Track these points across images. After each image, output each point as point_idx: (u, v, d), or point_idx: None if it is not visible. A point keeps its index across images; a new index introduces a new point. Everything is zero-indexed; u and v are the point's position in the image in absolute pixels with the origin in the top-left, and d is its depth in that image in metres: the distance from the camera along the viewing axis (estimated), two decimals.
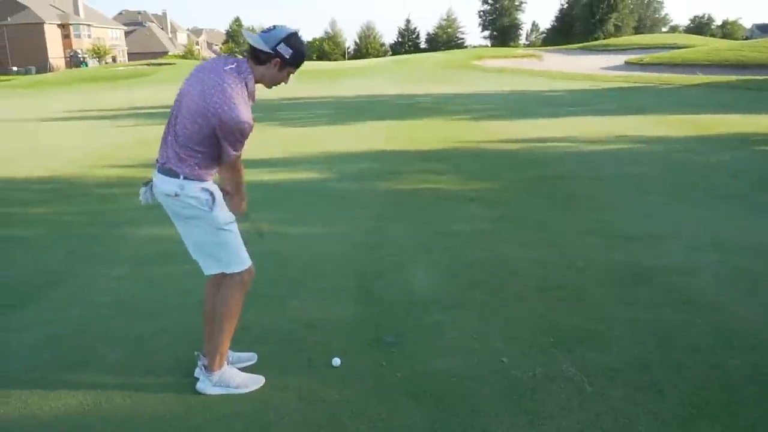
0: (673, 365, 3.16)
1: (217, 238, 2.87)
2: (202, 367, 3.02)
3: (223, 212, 2.86)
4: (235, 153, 2.80)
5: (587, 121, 13.51)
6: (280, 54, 2.74)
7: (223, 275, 2.95)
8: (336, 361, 3.23)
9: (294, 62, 2.80)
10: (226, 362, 3.05)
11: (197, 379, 3.04)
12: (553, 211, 6.34)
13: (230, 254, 2.91)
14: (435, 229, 5.74)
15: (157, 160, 2.89)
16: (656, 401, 2.85)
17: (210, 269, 2.96)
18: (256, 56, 2.77)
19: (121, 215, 6.39)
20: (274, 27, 2.81)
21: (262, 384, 3.06)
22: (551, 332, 3.55)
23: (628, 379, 3.04)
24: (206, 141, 2.74)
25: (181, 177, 2.76)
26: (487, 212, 6.31)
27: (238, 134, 2.72)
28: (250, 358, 3.32)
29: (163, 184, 2.80)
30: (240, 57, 2.85)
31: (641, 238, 5.34)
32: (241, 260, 2.95)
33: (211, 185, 2.85)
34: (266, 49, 2.74)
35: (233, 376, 3.04)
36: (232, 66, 2.77)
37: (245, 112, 2.72)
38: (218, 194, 2.86)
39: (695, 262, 4.68)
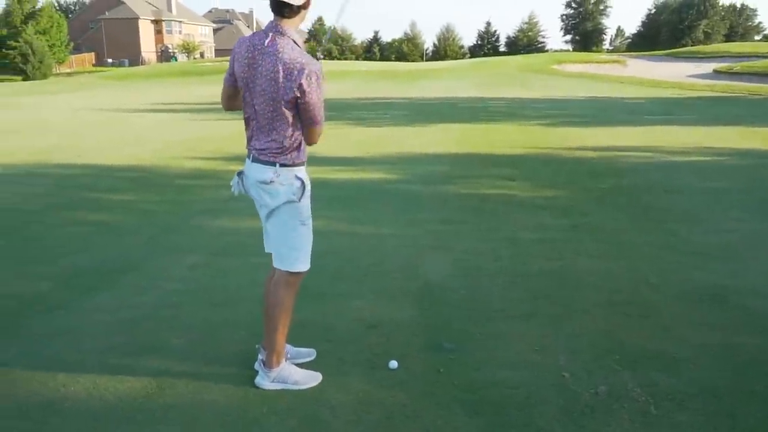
0: (746, 393, 2.97)
1: (297, 232, 2.92)
2: (261, 363, 3.06)
3: (309, 204, 2.92)
4: (321, 115, 2.81)
5: (670, 131, 12.97)
6: (309, 3, 2.81)
7: (283, 273, 2.98)
8: (393, 364, 3.21)
9: (308, 4, 2.82)
10: (284, 359, 3.08)
11: (257, 371, 3.09)
12: (628, 223, 6.11)
13: (300, 251, 2.96)
14: (503, 235, 5.64)
15: (248, 148, 2.94)
16: (727, 428, 2.69)
17: (281, 263, 2.98)
18: (290, 13, 2.76)
19: (199, 206, 6.60)
20: None
21: (319, 381, 3.07)
22: (617, 349, 3.41)
23: (697, 404, 2.88)
24: (293, 117, 2.78)
25: (278, 165, 2.82)
26: (558, 221, 6.14)
27: (318, 84, 2.74)
28: (310, 353, 3.35)
29: (258, 173, 2.85)
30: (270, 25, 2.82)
31: (719, 255, 5.07)
32: (306, 259, 2.99)
33: (303, 173, 2.89)
34: (298, 3, 2.75)
35: (291, 372, 3.07)
36: (275, 31, 2.76)
37: (311, 58, 2.78)
38: (308, 183, 2.90)
39: None
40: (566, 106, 19.29)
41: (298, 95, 2.72)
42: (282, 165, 2.82)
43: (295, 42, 2.78)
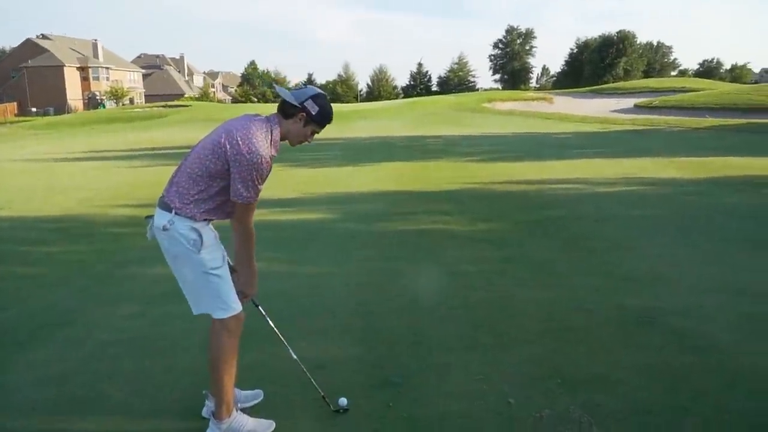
0: (680, 408, 3.13)
1: (203, 281, 2.86)
2: (211, 415, 3.00)
3: (211, 256, 2.86)
4: (245, 194, 2.77)
5: (595, 163, 13.58)
6: (306, 109, 2.86)
7: (215, 320, 2.93)
8: (342, 402, 3.22)
9: (319, 120, 2.90)
10: (234, 408, 3.03)
11: (204, 418, 3.03)
12: (560, 252, 6.34)
13: (215, 299, 2.89)
14: (441, 269, 5.76)
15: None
16: None
17: (196, 309, 2.96)
18: (284, 110, 2.90)
19: (131, 254, 6.45)
20: (305, 86, 2.94)
21: (272, 429, 3.04)
22: (557, 374, 3.53)
23: (636, 422, 3.02)
24: (212, 177, 2.78)
25: (173, 212, 2.81)
26: (494, 253, 6.32)
27: (253, 170, 2.74)
28: (256, 396, 3.32)
29: (157, 217, 2.86)
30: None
31: (648, 280, 5.33)
32: (226, 306, 2.90)
33: (202, 227, 2.84)
34: (295, 102, 2.86)
35: (243, 423, 3.01)
36: (261, 117, 2.90)
37: (264, 148, 2.77)
38: (208, 237, 2.85)
39: (702, 305, 4.65)
40: (497, 142, 19.91)
41: (228, 159, 2.75)
42: (177, 213, 2.80)
43: (271, 133, 2.85)
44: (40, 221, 8.58)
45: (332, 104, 2.98)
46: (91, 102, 66.96)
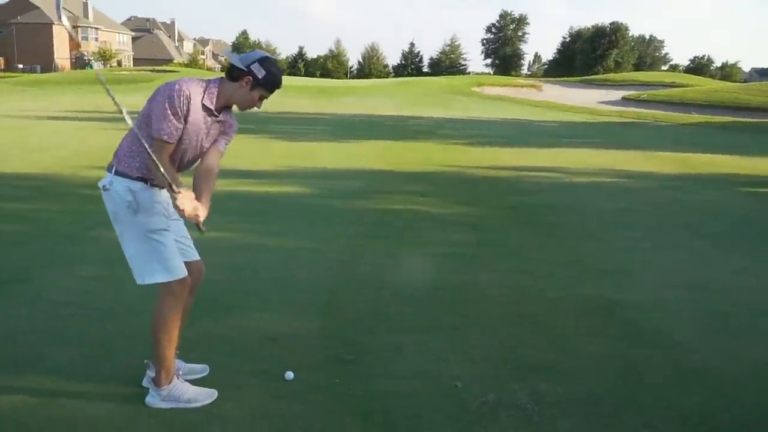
0: (626, 400, 3.13)
1: (144, 244, 2.78)
2: (151, 381, 2.94)
3: (150, 219, 2.78)
4: (155, 126, 2.68)
5: (578, 153, 13.59)
6: (252, 72, 2.76)
7: (158, 285, 2.85)
8: (289, 375, 3.19)
9: (266, 84, 2.80)
10: (175, 376, 2.97)
11: (144, 387, 2.98)
12: (532, 239, 6.34)
13: (156, 263, 2.80)
14: (413, 250, 5.74)
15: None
16: None
17: (139, 277, 2.85)
18: (231, 73, 2.81)
19: (101, 217, 6.24)
20: (254, 50, 2.85)
21: (214, 398, 2.98)
22: (510, 360, 3.52)
23: (580, 411, 3.01)
24: (144, 128, 2.72)
25: (113, 171, 2.75)
26: (467, 237, 6.31)
27: (165, 98, 2.67)
28: (203, 369, 3.25)
29: (102, 179, 2.81)
30: None
31: (614, 272, 5.33)
32: (168, 270, 2.81)
33: (139, 189, 2.75)
34: (240, 66, 2.77)
35: (183, 390, 2.95)
36: (201, 78, 2.82)
37: (188, 84, 2.72)
38: (145, 199, 2.76)
39: (664, 299, 4.66)
40: (483, 127, 19.86)
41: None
42: (116, 173, 2.75)
43: (204, 88, 2.79)
44: (13, 178, 8.44)
45: (323, 79, 2.90)
46: (79, 62, 65.86)
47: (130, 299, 4.13)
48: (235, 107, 2.93)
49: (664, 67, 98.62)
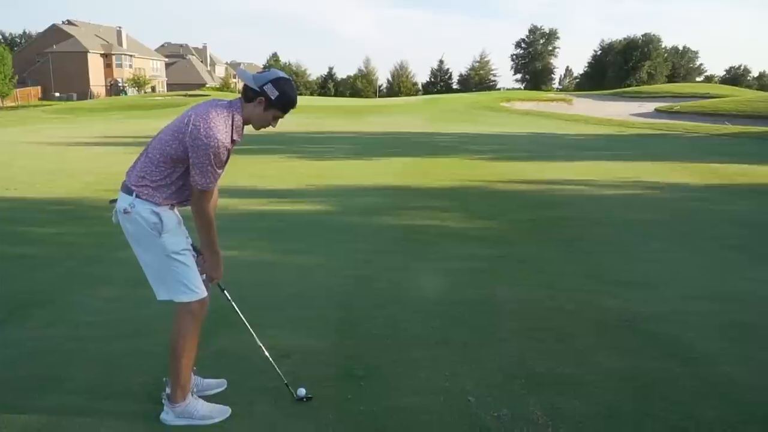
0: (645, 414, 3.06)
1: (166, 265, 2.84)
2: (166, 397, 2.99)
3: (173, 240, 2.84)
4: (200, 180, 2.74)
5: (605, 166, 13.43)
6: (265, 93, 2.78)
7: (177, 304, 2.91)
8: (301, 392, 3.19)
9: (279, 104, 2.82)
10: (190, 394, 3.01)
11: (162, 403, 3.02)
12: (553, 253, 6.27)
13: (178, 283, 2.86)
14: (432, 266, 5.72)
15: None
16: None
17: (159, 294, 2.92)
18: (246, 94, 2.84)
19: (124, 239, 6.47)
20: (269, 69, 2.88)
21: (227, 415, 3.01)
22: (525, 374, 3.47)
23: (596, 426, 2.95)
24: (174, 162, 2.77)
25: (134, 195, 2.79)
26: (487, 251, 6.26)
27: (209, 153, 2.69)
28: (220, 384, 3.30)
29: (120, 201, 2.84)
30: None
31: (637, 284, 5.24)
32: (190, 290, 2.88)
33: (163, 211, 2.83)
34: (254, 86, 2.80)
35: (198, 407, 2.99)
36: (224, 102, 2.85)
37: (222, 133, 2.73)
38: (169, 221, 2.83)
39: (687, 312, 4.56)
40: (510, 142, 19.78)
41: (186, 144, 2.74)
42: (138, 197, 2.79)
43: (233, 118, 2.81)
44: (42, 203, 8.67)
45: (351, 98, 2.94)
46: (113, 89, 67.63)
47: (149, 319, 4.20)
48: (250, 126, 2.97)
49: (698, 78, 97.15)
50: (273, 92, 2.78)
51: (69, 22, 74.86)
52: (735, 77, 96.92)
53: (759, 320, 4.39)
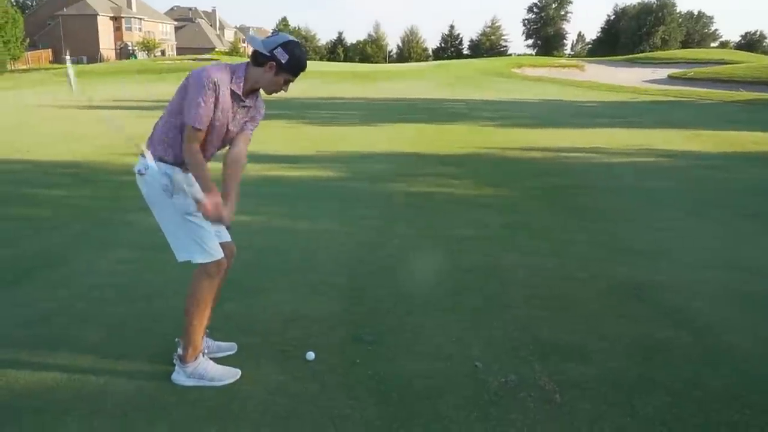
0: (651, 381, 3.06)
1: (182, 225, 2.85)
2: (177, 358, 3.02)
3: (187, 200, 2.82)
4: (187, 115, 2.73)
5: (617, 133, 13.27)
6: (276, 57, 2.75)
7: (192, 266, 2.93)
8: (310, 355, 3.22)
9: (290, 68, 2.79)
10: (201, 354, 3.04)
11: (173, 364, 3.05)
12: (564, 220, 6.23)
13: (194, 243, 2.87)
14: (440, 233, 5.70)
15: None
16: (626, 416, 2.77)
17: (179, 255, 2.94)
18: (255, 58, 2.81)
19: (136, 202, 6.35)
20: (277, 33, 2.84)
21: (238, 377, 3.03)
22: (532, 341, 3.48)
23: (602, 392, 2.95)
24: (176, 114, 2.79)
25: (147, 157, 2.80)
26: (497, 219, 6.23)
27: (200, 86, 2.71)
28: (231, 347, 3.33)
29: (138, 164, 2.87)
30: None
31: (648, 253, 5.20)
32: (205, 251, 2.88)
33: (175, 172, 2.83)
34: (264, 51, 2.77)
35: (208, 368, 3.02)
36: (229, 64, 2.84)
37: (218, 72, 2.75)
38: (180, 183, 2.81)
39: (699, 280, 4.53)
40: (520, 108, 19.56)
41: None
42: (151, 159, 2.81)
43: (232, 74, 2.83)
44: (54, 166, 8.69)
45: (360, 64, 2.91)
46: (123, 52, 67.22)
47: (160, 282, 4.23)
48: (262, 91, 2.94)
49: (713, 44, 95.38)
50: (283, 56, 2.74)
51: None
52: (750, 43, 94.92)
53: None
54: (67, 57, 28.36)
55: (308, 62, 2.97)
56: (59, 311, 3.74)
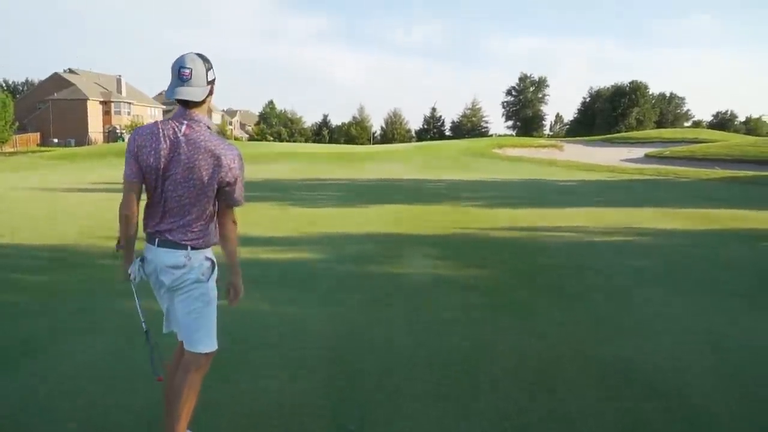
0: None
1: (206, 312, 2.89)
2: None
3: (214, 284, 2.91)
4: (242, 196, 2.92)
5: (597, 212, 13.50)
6: (212, 82, 2.84)
7: (193, 355, 2.91)
8: None
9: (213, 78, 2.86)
10: None
11: None
12: (547, 300, 6.24)
13: (209, 332, 2.92)
14: (424, 316, 5.68)
15: (150, 232, 2.89)
16: None
17: (191, 346, 2.92)
18: (196, 103, 2.81)
19: (119, 286, 6.41)
20: (180, 69, 2.73)
21: None
22: (511, 421, 3.43)
23: None
24: (209, 206, 2.84)
25: (189, 248, 2.81)
26: (479, 300, 6.23)
27: (243, 167, 2.88)
28: None
29: (168, 257, 2.82)
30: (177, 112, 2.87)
31: (630, 331, 5.22)
32: (214, 341, 2.96)
33: (212, 254, 2.92)
34: (205, 93, 2.80)
35: None
36: (186, 121, 2.81)
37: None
38: (216, 264, 2.91)
39: (679, 358, 4.54)
40: (502, 188, 19.92)
41: (229, 180, 2.82)
42: (194, 248, 2.82)
43: (208, 127, 2.84)
44: (37, 249, 8.61)
45: (343, 146, 3.02)
46: (111, 135, 68.10)
47: (137, 370, 4.13)
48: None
49: (687, 124, 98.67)
50: (213, 73, 2.84)
51: (70, 71, 76.02)
52: (722, 122, 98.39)
53: (754, 370, 4.35)
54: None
55: (294, 144, 3.13)
56: (36, 402, 3.65)
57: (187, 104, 2.80)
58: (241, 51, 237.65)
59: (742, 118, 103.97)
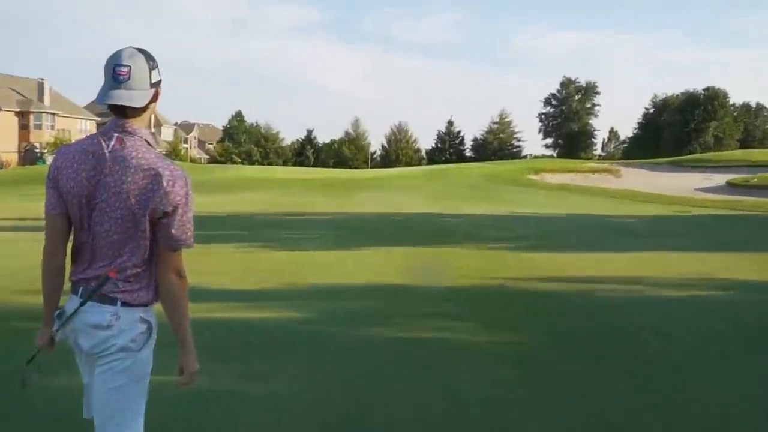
0: None
1: (131, 392, 2.85)
2: None
3: (150, 355, 2.87)
4: (189, 234, 2.84)
5: (664, 258, 13.55)
6: (157, 84, 2.85)
7: None
8: None
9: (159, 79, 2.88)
10: None
11: None
12: (601, 376, 6.23)
13: (137, 419, 2.89)
14: (437, 393, 5.67)
15: (72, 281, 2.87)
16: None
17: (127, 428, 2.88)
18: (135, 111, 2.81)
19: (39, 356, 6.40)
20: (116, 67, 2.73)
21: None
22: None
23: None
24: (146, 244, 2.77)
25: (119, 302, 2.76)
26: (509, 373, 6.23)
27: (189, 188, 2.80)
28: None
29: (92, 314, 2.76)
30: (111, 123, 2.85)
31: (714, 420, 5.19)
32: (139, 427, 2.92)
33: (150, 314, 2.87)
34: (147, 98, 2.80)
35: None
36: (116, 133, 2.79)
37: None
38: (155, 330, 2.88)
39: None
40: (540, 226, 20.01)
41: (165, 209, 2.73)
42: (124, 304, 2.76)
43: (148, 143, 2.82)
44: None
45: (336, 169, 3.01)
46: (28, 156, 68.57)
47: None
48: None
49: None
50: (158, 73, 2.85)
51: None
52: None
53: None
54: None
55: (268, 167, 3.11)
56: None
57: (124, 112, 2.77)
58: (201, 46, 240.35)
59: None
